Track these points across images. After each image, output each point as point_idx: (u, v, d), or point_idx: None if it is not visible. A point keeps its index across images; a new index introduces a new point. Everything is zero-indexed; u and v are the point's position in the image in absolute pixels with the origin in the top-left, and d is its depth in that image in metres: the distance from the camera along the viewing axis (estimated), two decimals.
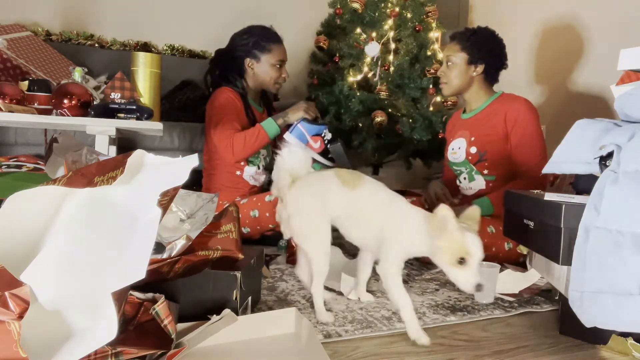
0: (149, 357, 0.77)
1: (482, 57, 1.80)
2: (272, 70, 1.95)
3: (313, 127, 1.83)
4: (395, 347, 0.98)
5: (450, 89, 1.86)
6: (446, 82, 1.86)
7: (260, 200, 1.79)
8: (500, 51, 1.84)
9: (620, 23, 2.24)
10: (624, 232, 0.89)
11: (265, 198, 1.79)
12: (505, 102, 1.81)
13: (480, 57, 1.80)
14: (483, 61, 1.80)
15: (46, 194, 0.77)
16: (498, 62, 1.84)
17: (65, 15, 2.67)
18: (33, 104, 1.47)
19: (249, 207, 1.79)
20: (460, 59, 1.81)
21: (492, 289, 1.28)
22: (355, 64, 2.72)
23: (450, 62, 1.83)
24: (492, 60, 1.82)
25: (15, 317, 0.63)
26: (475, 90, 1.86)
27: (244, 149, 1.83)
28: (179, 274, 0.95)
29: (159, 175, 0.78)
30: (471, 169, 1.85)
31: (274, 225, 1.78)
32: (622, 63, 1.15)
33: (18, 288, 0.65)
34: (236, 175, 1.98)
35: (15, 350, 0.62)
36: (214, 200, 1.09)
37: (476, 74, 1.82)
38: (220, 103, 1.89)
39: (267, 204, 1.77)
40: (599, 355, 0.98)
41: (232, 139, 1.81)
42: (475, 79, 1.84)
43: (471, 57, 1.80)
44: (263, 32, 1.96)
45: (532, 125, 1.76)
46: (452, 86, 1.85)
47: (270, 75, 1.96)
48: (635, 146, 0.93)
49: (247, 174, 1.99)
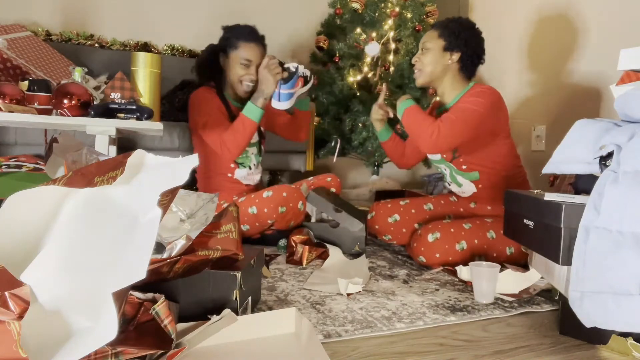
0: (149, 357, 0.77)
1: (459, 45, 1.71)
2: (238, 68, 1.91)
3: (292, 82, 1.81)
4: (395, 347, 0.98)
5: (423, 76, 1.76)
6: (420, 69, 1.77)
7: (258, 197, 1.79)
8: (478, 43, 1.75)
9: (622, 24, 2.24)
10: (624, 232, 0.89)
11: (263, 194, 1.79)
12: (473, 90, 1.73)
13: (456, 45, 1.71)
14: (459, 49, 1.72)
15: (46, 194, 0.77)
16: (474, 54, 1.74)
17: (65, 15, 2.67)
18: (33, 104, 1.47)
19: (247, 205, 1.79)
20: (435, 45, 1.73)
21: (492, 289, 1.28)
22: (355, 64, 2.72)
23: (425, 48, 1.76)
24: (469, 50, 1.72)
25: (15, 317, 0.63)
26: (449, 82, 1.76)
27: (237, 143, 1.81)
28: (179, 274, 0.95)
29: (159, 175, 0.78)
30: (450, 167, 1.83)
31: (273, 221, 1.78)
32: (622, 63, 1.15)
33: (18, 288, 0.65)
34: (228, 177, 1.98)
35: (15, 350, 0.62)
36: (214, 200, 1.09)
37: (451, 62, 1.73)
38: (198, 105, 1.88)
39: (265, 200, 1.77)
40: (599, 355, 0.98)
41: (223, 138, 1.80)
42: (449, 69, 1.74)
43: (447, 44, 1.72)
44: (237, 30, 1.93)
45: (475, 102, 1.64)
46: (425, 73, 1.75)
47: (235, 72, 1.91)
48: (635, 146, 0.93)
49: (239, 176, 1.99)
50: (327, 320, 1.10)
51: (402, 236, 1.85)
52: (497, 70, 2.93)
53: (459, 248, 1.58)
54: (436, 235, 1.58)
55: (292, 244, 1.69)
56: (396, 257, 1.79)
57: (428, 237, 1.59)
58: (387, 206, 1.89)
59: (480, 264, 1.31)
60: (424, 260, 1.60)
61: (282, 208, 1.76)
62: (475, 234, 1.62)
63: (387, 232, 1.87)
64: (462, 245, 1.58)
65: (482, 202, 1.83)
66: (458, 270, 1.48)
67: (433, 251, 1.57)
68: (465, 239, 1.59)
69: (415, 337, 1.04)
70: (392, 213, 1.86)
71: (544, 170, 1.13)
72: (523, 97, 2.79)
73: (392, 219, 1.85)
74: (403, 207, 1.88)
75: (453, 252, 1.57)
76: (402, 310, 1.19)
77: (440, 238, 1.58)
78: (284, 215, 1.78)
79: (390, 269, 1.61)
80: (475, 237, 1.61)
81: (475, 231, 1.62)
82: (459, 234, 1.60)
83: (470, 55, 1.74)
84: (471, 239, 1.60)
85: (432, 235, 1.59)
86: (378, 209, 1.90)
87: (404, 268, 1.63)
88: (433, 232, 1.59)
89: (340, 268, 1.58)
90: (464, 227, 1.63)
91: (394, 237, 1.87)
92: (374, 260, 1.72)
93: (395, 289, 1.38)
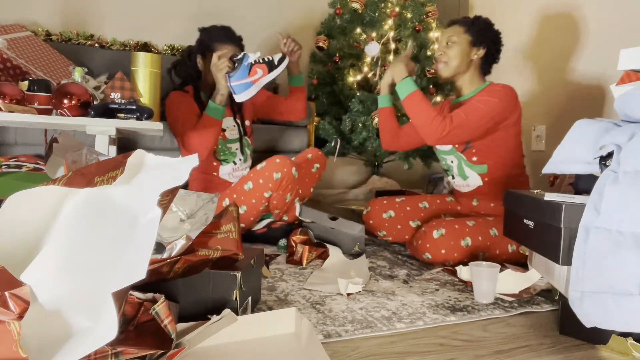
0: (149, 357, 0.77)
1: (485, 41, 1.77)
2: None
3: (241, 71, 1.75)
4: (395, 347, 0.98)
5: (448, 69, 1.79)
6: (446, 62, 1.79)
7: (253, 171, 1.80)
8: (500, 41, 1.82)
9: (622, 24, 2.24)
10: (624, 232, 0.89)
11: (257, 167, 1.79)
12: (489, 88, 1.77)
13: (483, 41, 1.77)
14: (486, 45, 1.78)
15: (46, 194, 0.77)
16: (496, 51, 1.82)
17: (65, 15, 2.67)
18: (33, 104, 1.47)
19: (242, 182, 1.80)
20: (463, 40, 1.78)
21: (492, 289, 1.28)
22: (355, 64, 2.72)
23: (451, 41, 1.79)
24: (493, 47, 1.80)
25: (15, 317, 0.63)
26: (469, 77, 1.81)
27: (201, 140, 1.79)
28: (179, 274, 0.95)
29: (159, 175, 0.78)
30: (459, 158, 1.83)
31: (269, 193, 1.76)
32: (622, 63, 1.15)
33: (18, 288, 0.65)
34: (213, 176, 1.98)
35: (15, 350, 0.62)
36: (214, 200, 1.09)
37: (477, 57, 1.79)
38: (171, 111, 1.88)
39: (259, 172, 1.77)
40: (599, 355, 0.98)
41: (189, 137, 1.80)
42: (473, 63, 1.80)
43: (475, 39, 1.78)
44: (212, 31, 1.92)
45: (488, 103, 1.68)
46: (451, 66, 1.78)
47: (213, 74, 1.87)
48: (635, 146, 0.93)
49: (223, 173, 1.99)
50: (327, 320, 1.10)
51: (397, 232, 1.86)
52: (497, 70, 2.91)
53: (464, 244, 1.59)
54: (441, 232, 1.59)
55: (292, 244, 1.69)
56: (396, 257, 1.79)
57: (433, 234, 1.59)
58: (383, 202, 1.90)
59: (480, 264, 1.31)
60: (429, 257, 1.60)
61: (277, 174, 1.74)
62: (478, 230, 1.63)
63: (381, 227, 1.87)
64: (467, 241, 1.59)
65: (485, 199, 1.84)
66: (458, 270, 1.48)
67: (439, 247, 1.58)
68: (469, 235, 1.60)
69: (415, 337, 1.04)
70: (387, 209, 1.87)
71: (544, 170, 1.13)
72: (523, 97, 2.78)
73: (387, 214, 1.86)
74: (398, 204, 1.89)
75: (458, 248, 1.58)
76: (402, 310, 1.19)
77: (446, 234, 1.59)
78: (280, 182, 1.75)
79: (390, 269, 1.61)
80: (479, 233, 1.62)
81: (479, 228, 1.64)
82: (464, 231, 1.61)
83: (492, 53, 1.81)
84: (475, 236, 1.61)
85: (437, 232, 1.59)
86: (374, 204, 1.91)
87: (404, 268, 1.63)
88: (438, 228, 1.60)
89: (340, 268, 1.58)
90: (467, 224, 1.64)
91: (388, 233, 1.87)
92: (374, 260, 1.73)
93: (395, 289, 1.38)
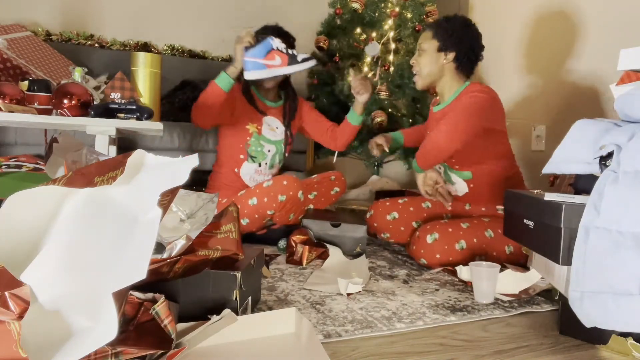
0: (149, 357, 0.77)
1: (453, 44, 1.71)
2: None
3: (258, 50, 1.73)
4: (395, 347, 0.98)
5: (421, 79, 1.77)
6: (417, 72, 1.78)
7: (259, 187, 1.81)
8: (473, 40, 1.74)
9: (622, 24, 2.24)
10: (624, 232, 0.89)
11: (264, 184, 1.80)
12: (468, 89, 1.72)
13: (450, 45, 1.71)
14: (453, 49, 1.72)
15: (46, 194, 0.77)
16: (470, 51, 1.73)
17: (65, 15, 2.67)
18: (33, 104, 1.47)
19: (247, 197, 1.80)
20: (430, 46, 1.74)
21: (492, 289, 1.28)
22: (355, 64, 2.72)
23: (421, 49, 1.76)
24: (463, 48, 1.72)
25: (15, 317, 0.63)
26: (447, 82, 1.77)
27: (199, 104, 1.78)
28: (179, 274, 0.95)
29: (159, 175, 0.78)
30: (444, 165, 1.82)
31: (272, 211, 1.78)
32: (622, 63, 1.14)
33: (18, 288, 0.65)
34: (234, 172, 2.00)
35: (15, 350, 0.62)
36: (214, 200, 1.09)
37: (447, 61, 1.73)
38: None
39: (265, 190, 1.78)
40: (599, 355, 0.98)
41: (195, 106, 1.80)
42: (446, 69, 1.75)
43: (441, 44, 1.72)
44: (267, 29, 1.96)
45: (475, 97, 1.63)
46: (422, 75, 1.76)
47: None
48: (635, 146, 0.93)
49: (245, 171, 2.00)
50: (327, 320, 1.10)
51: (401, 234, 1.86)
52: (497, 70, 2.93)
53: (458, 247, 1.58)
54: (435, 236, 1.58)
55: (292, 244, 1.69)
56: (396, 257, 1.79)
57: (427, 239, 1.59)
58: (386, 204, 1.90)
59: (480, 264, 1.31)
60: (425, 262, 1.60)
61: (282, 196, 1.76)
62: (473, 232, 1.62)
63: (385, 230, 1.87)
64: (462, 244, 1.58)
65: (475, 204, 1.83)
66: (458, 270, 1.48)
67: (433, 252, 1.57)
68: (464, 238, 1.59)
69: (415, 337, 1.04)
70: (391, 211, 1.86)
71: (544, 170, 1.13)
72: (523, 97, 2.78)
73: (390, 216, 1.86)
74: (401, 205, 1.88)
75: (453, 251, 1.57)
76: (402, 310, 1.19)
77: (439, 239, 1.58)
78: (284, 204, 1.78)
79: (390, 269, 1.61)
80: (473, 236, 1.61)
81: (474, 230, 1.62)
82: (458, 234, 1.60)
83: (465, 54, 1.73)
84: (470, 238, 1.60)
85: (430, 237, 1.59)
86: (377, 207, 1.91)
87: (404, 268, 1.63)
88: (431, 232, 1.59)
89: (340, 268, 1.58)
90: (461, 226, 1.63)
91: (392, 235, 1.87)
92: (374, 260, 1.72)
93: (395, 289, 1.38)
